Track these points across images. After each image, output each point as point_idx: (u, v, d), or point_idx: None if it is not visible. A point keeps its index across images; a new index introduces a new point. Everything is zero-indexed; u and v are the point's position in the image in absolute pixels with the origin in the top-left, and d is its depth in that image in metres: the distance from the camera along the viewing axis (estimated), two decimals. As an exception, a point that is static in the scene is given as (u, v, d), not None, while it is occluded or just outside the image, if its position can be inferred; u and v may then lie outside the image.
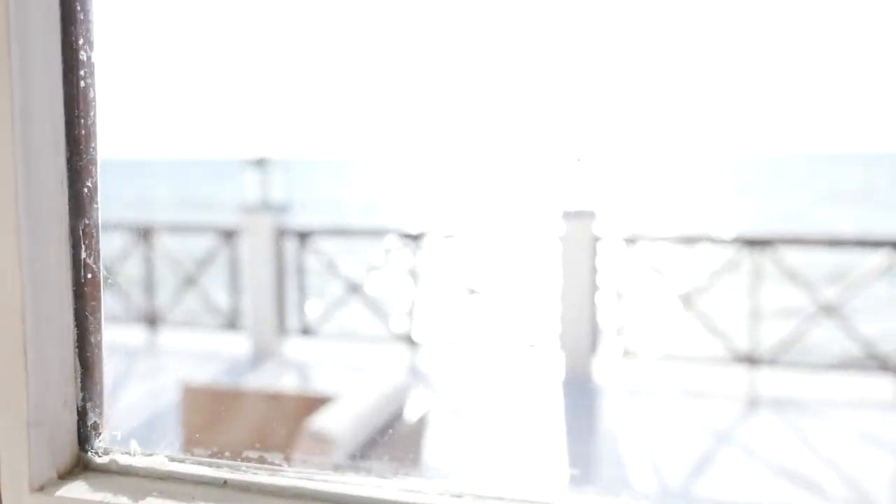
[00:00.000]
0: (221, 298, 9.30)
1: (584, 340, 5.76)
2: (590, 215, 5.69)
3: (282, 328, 6.60)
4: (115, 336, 7.02)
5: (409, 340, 6.32)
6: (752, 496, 3.81)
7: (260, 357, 6.39)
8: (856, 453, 4.32)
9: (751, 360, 5.58)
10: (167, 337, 6.94)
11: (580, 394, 5.43)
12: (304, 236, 6.57)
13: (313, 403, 3.00)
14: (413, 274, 6.33)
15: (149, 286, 6.95)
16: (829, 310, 5.52)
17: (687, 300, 5.81)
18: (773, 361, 5.57)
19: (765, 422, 4.85)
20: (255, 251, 6.46)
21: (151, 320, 6.90)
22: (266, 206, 6.45)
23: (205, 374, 5.95)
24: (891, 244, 5.36)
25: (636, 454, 4.34)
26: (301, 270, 6.60)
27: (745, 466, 4.17)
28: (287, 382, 5.79)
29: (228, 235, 6.68)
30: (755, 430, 4.75)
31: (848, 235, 27.56)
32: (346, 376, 5.88)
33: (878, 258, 5.40)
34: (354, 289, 6.53)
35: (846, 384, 5.50)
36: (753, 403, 5.18)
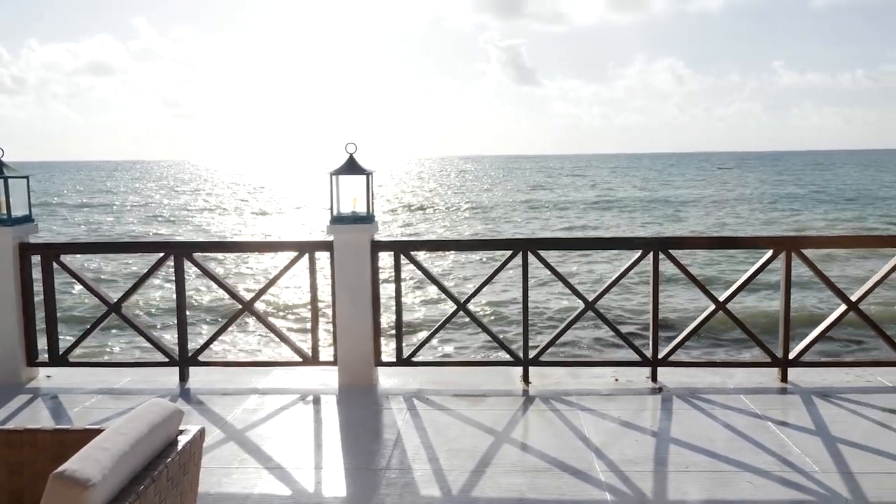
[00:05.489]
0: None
1: (363, 349, 5.69)
2: (365, 221, 5.61)
3: (29, 355, 5.91)
4: None
5: (177, 360, 5.90)
6: (526, 488, 3.94)
7: (3, 390, 5.66)
8: (618, 440, 4.63)
9: (525, 360, 5.80)
10: None
11: (364, 403, 5.36)
12: (54, 252, 5.92)
13: (68, 440, 2.67)
14: (181, 288, 5.90)
15: None
16: (592, 308, 5.88)
17: (462, 303, 5.91)
18: (538, 360, 5.82)
19: (537, 417, 5.07)
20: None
21: None
22: (4, 218, 5.70)
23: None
24: (643, 242, 5.83)
25: (419, 459, 4.35)
26: (50, 290, 5.93)
27: (520, 461, 4.31)
28: (35, 417, 5.18)
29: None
30: (529, 426, 4.94)
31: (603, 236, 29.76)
32: (109, 405, 5.37)
33: (635, 256, 5.83)
34: (115, 308, 5.97)
35: (607, 375, 5.91)
36: (528, 401, 5.40)
